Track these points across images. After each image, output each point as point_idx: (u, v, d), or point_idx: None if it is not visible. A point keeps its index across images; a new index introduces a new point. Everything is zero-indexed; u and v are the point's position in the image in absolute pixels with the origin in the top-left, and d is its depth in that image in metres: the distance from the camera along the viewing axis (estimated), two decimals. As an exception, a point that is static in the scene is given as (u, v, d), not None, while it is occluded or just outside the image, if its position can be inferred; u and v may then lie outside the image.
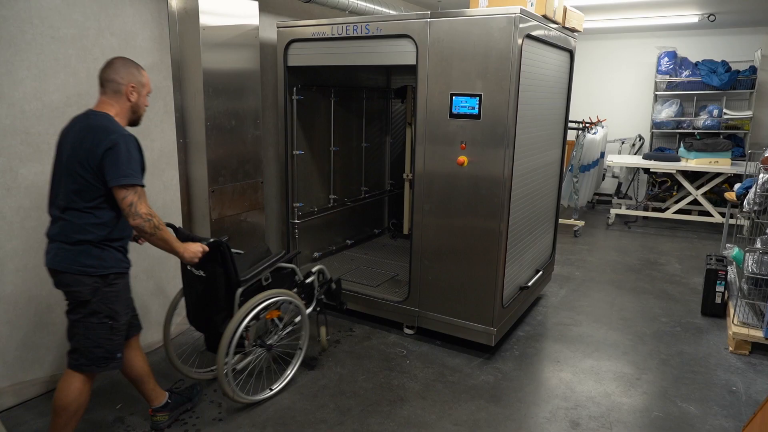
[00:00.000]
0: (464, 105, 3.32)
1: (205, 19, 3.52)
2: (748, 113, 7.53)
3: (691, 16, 6.68)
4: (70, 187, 2.28)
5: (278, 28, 4.01)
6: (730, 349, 3.80)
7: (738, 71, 7.49)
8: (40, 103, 2.91)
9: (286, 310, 3.30)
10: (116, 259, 2.40)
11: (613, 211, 7.56)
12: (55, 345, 3.14)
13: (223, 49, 3.69)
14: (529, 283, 4.00)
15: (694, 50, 7.96)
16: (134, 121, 2.52)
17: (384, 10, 4.99)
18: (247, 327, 2.86)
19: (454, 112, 3.37)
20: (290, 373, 3.25)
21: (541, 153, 3.98)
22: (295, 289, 3.34)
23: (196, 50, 3.54)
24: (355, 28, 3.62)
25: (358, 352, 3.67)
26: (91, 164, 2.24)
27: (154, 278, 3.67)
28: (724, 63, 7.55)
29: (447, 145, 3.44)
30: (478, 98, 3.27)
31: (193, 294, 2.94)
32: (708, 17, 6.65)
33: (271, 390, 3.13)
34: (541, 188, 4.09)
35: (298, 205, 4.39)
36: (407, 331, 3.94)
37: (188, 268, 2.86)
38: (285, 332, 3.25)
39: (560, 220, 6.14)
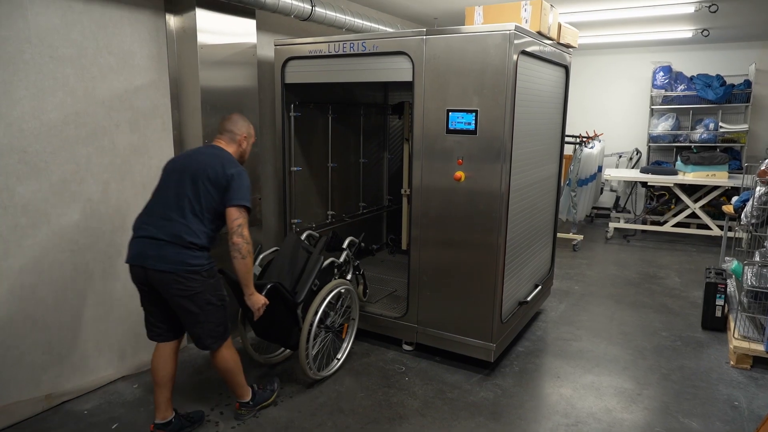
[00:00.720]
0: (461, 120, 3.34)
1: (203, 38, 3.55)
2: (744, 126, 7.57)
3: (685, 31, 6.76)
4: (194, 196, 2.67)
5: (275, 45, 4.04)
6: (732, 363, 3.78)
7: (733, 85, 7.54)
8: (38, 122, 2.92)
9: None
10: (208, 257, 2.74)
11: (612, 225, 7.56)
12: (51, 364, 3.12)
13: (221, 67, 3.72)
14: (528, 298, 3.99)
15: (689, 64, 8.03)
16: (240, 164, 2.89)
17: (381, 27, 5.04)
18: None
19: (451, 127, 3.38)
20: (349, 341, 3.74)
21: (538, 167, 3.99)
22: (336, 271, 3.65)
23: (193, 68, 3.56)
24: (352, 45, 3.65)
25: (356, 369, 3.64)
26: (218, 182, 2.68)
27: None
28: (718, 77, 7.61)
29: (444, 160, 3.45)
30: (474, 114, 3.29)
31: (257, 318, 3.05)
32: (702, 32, 6.72)
33: (338, 360, 3.64)
34: (538, 202, 4.09)
35: (296, 221, 4.38)
36: (406, 347, 3.91)
37: None
38: (341, 307, 3.63)
39: (559, 234, 6.13)
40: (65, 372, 3.20)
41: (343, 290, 3.57)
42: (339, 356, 3.66)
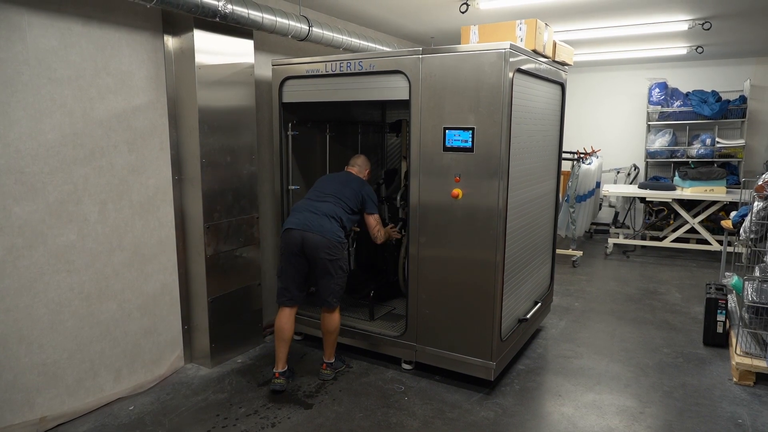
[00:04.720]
0: (457, 138, 3.35)
1: (200, 58, 3.57)
2: (741, 142, 7.61)
3: (679, 48, 6.82)
4: (342, 194, 3.70)
5: (273, 65, 4.07)
6: (734, 379, 3.74)
7: (728, 101, 7.59)
8: (35, 143, 2.93)
9: None
10: (346, 236, 3.68)
11: (611, 241, 7.55)
12: (45, 386, 3.08)
13: (219, 86, 3.74)
14: (528, 316, 3.96)
15: (684, 81, 8.09)
16: None
17: (377, 46, 5.08)
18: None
19: (448, 145, 3.39)
20: None
21: (536, 184, 4.00)
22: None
23: (191, 88, 3.58)
24: (349, 64, 3.68)
25: (355, 389, 3.60)
26: (359, 192, 3.76)
27: (149, 315, 3.62)
28: (714, 93, 7.66)
29: (441, 177, 3.45)
30: (470, 131, 3.30)
31: None
32: (696, 49, 6.78)
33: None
34: (537, 219, 4.09)
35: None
36: (405, 366, 3.88)
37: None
38: None
39: (558, 251, 6.12)
40: (60, 394, 3.16)
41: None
42: None
